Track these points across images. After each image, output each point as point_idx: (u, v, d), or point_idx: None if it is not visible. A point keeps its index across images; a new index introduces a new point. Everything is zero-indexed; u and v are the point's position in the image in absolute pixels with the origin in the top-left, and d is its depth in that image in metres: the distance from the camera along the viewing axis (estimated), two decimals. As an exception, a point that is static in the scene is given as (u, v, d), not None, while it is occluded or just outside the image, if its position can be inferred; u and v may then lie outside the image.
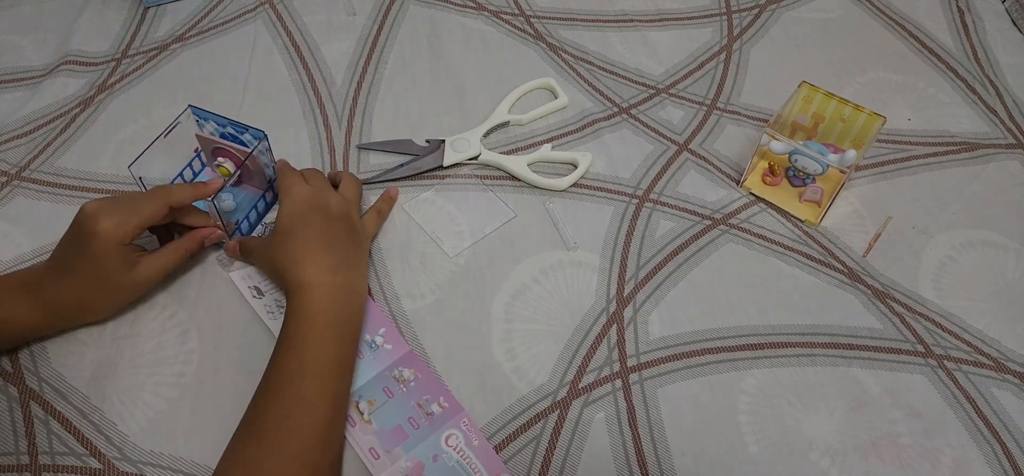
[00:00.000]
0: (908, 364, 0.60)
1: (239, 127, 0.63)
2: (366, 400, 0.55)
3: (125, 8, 0.86)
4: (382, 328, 0.60)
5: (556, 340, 0.60)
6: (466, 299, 0.62)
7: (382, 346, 0.59)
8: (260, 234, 0.66)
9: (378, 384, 0.56)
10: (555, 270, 0.64)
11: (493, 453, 0.54)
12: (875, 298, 0.63)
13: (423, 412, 0.55)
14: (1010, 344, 0.61)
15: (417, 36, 0.84)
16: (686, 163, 0.73)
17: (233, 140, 0.65)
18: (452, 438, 0.54)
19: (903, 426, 0.56)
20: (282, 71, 0.80)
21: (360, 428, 0.54)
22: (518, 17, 0.87)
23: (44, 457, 0.53)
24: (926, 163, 0.73)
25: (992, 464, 0.55)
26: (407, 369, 0.57)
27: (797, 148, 0.66)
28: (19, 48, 0.82)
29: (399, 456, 0.53)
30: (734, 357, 0.60)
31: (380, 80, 0.80)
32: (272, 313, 0.60)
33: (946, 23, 0.87)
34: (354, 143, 0.73)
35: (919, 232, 0.68)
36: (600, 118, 0.76)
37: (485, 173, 0.71)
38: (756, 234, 0.67)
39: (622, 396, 0.57)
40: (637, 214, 0.68)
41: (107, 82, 0.78)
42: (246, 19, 0.85)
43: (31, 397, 0.56)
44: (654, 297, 0.63)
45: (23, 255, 0.64)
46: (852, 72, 0.82)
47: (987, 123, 0.77)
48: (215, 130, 0.65)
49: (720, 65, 0.82)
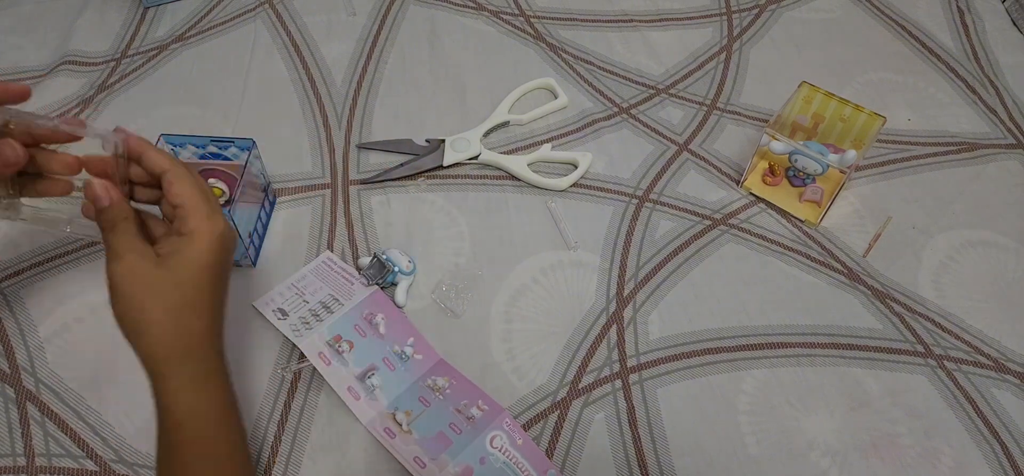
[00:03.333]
0: (908, 364, 0.60)
1: (222, 142, 0.61)
2: (403, 411, 0.55)
3: (125, 8, 0.86)
4: (410, 338, 0.59)
5: (556, 340, 0.60)
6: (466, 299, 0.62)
7: (412, 356, 0.58)
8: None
9: (412, 394, 0.56)
10: (555, 270, 0.64)
11: (538, 450, 0.54)
12: (875, 298, 0.63)
13: (463, 416, 0.55)
14: (1010, 344, 0.61)
15: (417, 36, 0.84)
16: (686, 163, 0.73)
17: (217, 157, 0.63)
18: (496, 439, 0.54)
19: (903, 426, 0.56)
20: (282, 71, 0.80)
21: (401, 439, 0.54)
22: (518, 17, 0.87)
23: (40, 458, 0.53)
24: (926, 163, 0.73)
25: (992, 464, 0.55)
26: (441, 377, 0.57)
27: (797, 148, 0.66)
28: (19, 48, 0.82)
29: (446, 462, 0.52)
30: (734, 357, 0.60)
31: (380, 80, 0.79)
32: (298, 332, 0.58)
33: (946, 23, 0.87)
34: (354, 143, 0.73)
35: (919, 232, 0.68)
36: (600, 118, 0.76)
37: (485, 173, 0.71)
38: (756, 234, 0.67)
39: (622, 396, 0.57)
40: (637, 214, 0.68)
41: (107, 82, 0.78)
42: (246, 19, 0.85)
43: (28, 398, 0.56)
44: (654, 297, 0.63)
45: (22, 255, 0.64)
46: (852, 72, 0.82)
47: (987, 123, 0.77)
48: (195, 153, 0.62)
49: (720, 65, 0.82)
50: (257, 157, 0.62)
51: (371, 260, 0.62)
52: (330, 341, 0.58)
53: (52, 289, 0.62)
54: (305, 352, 0.57)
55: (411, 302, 0.62)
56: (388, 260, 0.62)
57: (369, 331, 0.59)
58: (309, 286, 0.62)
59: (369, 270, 0.62)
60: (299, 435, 0.55)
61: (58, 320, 0.60)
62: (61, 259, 0.64)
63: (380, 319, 0.60)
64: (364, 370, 0.57)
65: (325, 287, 0.62)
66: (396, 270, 0.62)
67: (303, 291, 0.61)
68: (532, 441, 0.54)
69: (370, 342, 0.58)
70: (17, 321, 0.60)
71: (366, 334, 0.59)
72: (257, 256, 0.64)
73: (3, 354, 0.58)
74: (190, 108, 0.76)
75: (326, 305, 0.60)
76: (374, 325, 0.59)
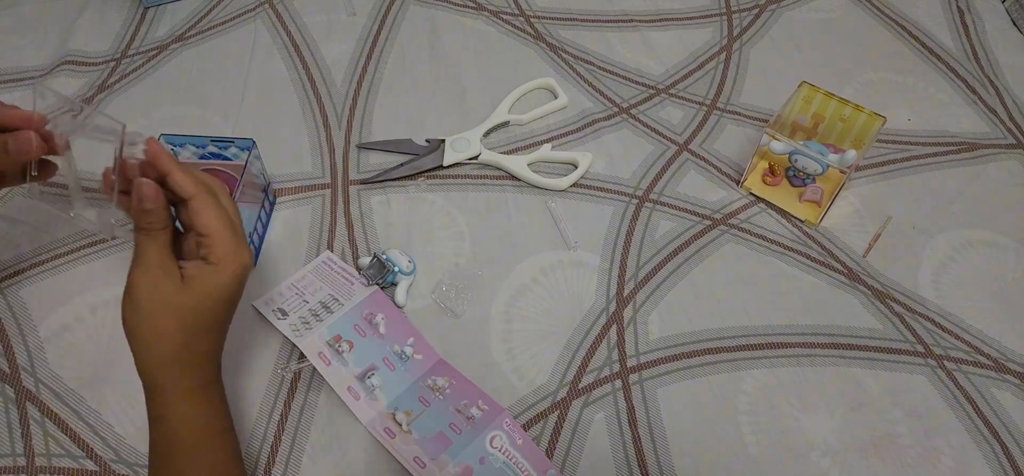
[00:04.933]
0: (908, 364, 0.60)
1: (222, 142, 0.61)
2: (403, 411, 0.55)
3: (125, 8, 0.86)
4: (410, 338, 0.59)
5: (556, 340, 0.60)
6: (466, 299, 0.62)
7: (412, 356, 0.58)
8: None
9: (412, 394, 0.56)
10: (555, 270, 0.64)
11: (538, 450, 0.54)
12: (875, 298, 0.63)
13: (463, 416, 0.55)
14: (1010, 344, 0.61)
15: (417, 36, 0.84)
16: (686, 163, 0.73)
17: (217, 157, 0.62)
18: (496, 439, 0.54)
19: (903, 426, 0.56)
20: (282, 71, 0.80)
21: (401, 439, 0.54)
22: (518, 17, 0.87)
23: (40, 458, 0.53)
24: (926, 163, 0.73)
25: (992, 464, 0.55)
26: (441, 377, 0.57)
27: (797, 148, 0.66)
28: (19, 48, 0.82)
29: (446, 462, 0.52)
30: (734, 357, 0.60)
31: (380, 80, 0.79)
32: (298, 332, 0.58)
33: (946, 23, 0.87)
34: (354, 143, 0.73)
35: (919, 232, 0.68)
36: (600, 118, 0.76)
37: (485, 173, 0.71)
38: (756, 234, 0.67)
39: (622, 396, 0.57)
40: (637, 214, 0.68)
41: (107, 82, 0.78)
42: (246, 19, 0.85)
43: (28, 398, 0.56)
44: (654, 297, 0.63)
45: (22, 255, 0.64)
46: (852, 72, 0.82)
47: (987, 123, 0.77)
48: (195, 153, 0.62)
49: (720, 65, 0.82)
50: (257, 157, 0.62)
51: (371, 260, 0.62)
52: (330, 341, 0.58)
53: (52, 289, 0.62)
54: (305, 352, 0.57)
55: (411, 302, 0.62)
56: (388, 260, 0.62)
57: (369, 331, 0.59)
58: (309, 286, 0.62)
59: (369, 270, 0.62)
60: (299, 435, 0.55)
61: (58, 320, 0.60)
62: (61, 259, 0.64)
63: (380, 319, 0.60)
64: (364, 370, 0.57)
65: (325, 287, 0.62)
66: (396, 270, 0.62)
67: (303, 291, 0.61)
68: (532, 441, 0.54)
69: (370, 342, 0.58)
70: (17, 321, 0.60)
71: (366, 334, 0.59)
72: (257, 256, 0.64)
73: (3, 354, 0.58)
74: (190, 108, 0.76)
75: (326, 305, 0.60)
76: (374, 325, 0.59)
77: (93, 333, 0.59)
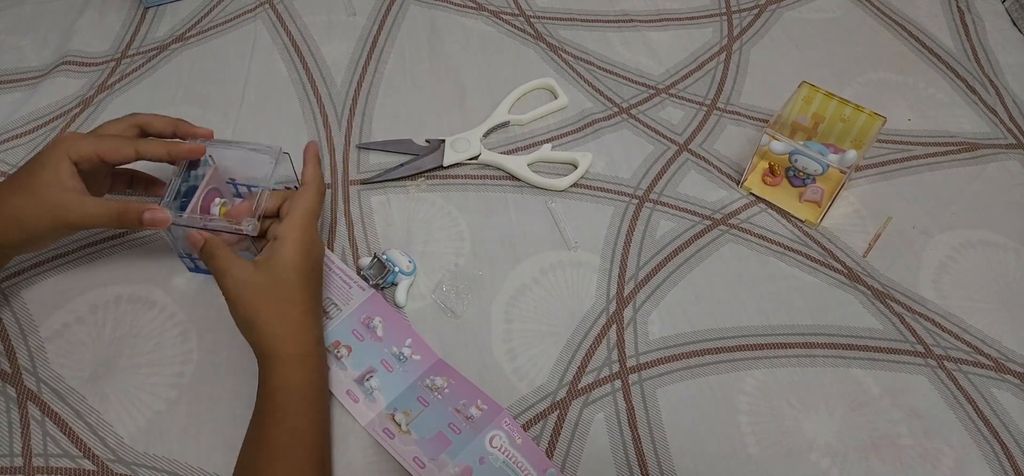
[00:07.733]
0: (908, 364, 0.60)
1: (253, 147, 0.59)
2: (402, 411, 0.55)
3: (125, 8, 0.86)
4: (408, 338, 0.59)
5: (556, 340, 0.60)
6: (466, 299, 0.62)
7: (410, 357, 0.58)
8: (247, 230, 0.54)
9: (411, 395, 0.56)
10: (555, 270, 0.64)
11: (538, 450, 0.54)
12: (875, 298, 0.63)
13: (462, 416, 0.55)
14: (1010, 344, 0.61)
15: (417, 36, 0.84)
16: (686, 163, 0.73)
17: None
18: (496, 439, 0.54)
19: (903, 426, 0.56)
20: (282, 71, 0.80)
21: (400, 439, 0.54)
22: (518, 17, 0.87)
23: (38, 459, 0.53)
24: (926, 163, 0.73)
25: (992, 464, 0.55)
26: (439, 377, 0.57)
27: (797, 148, 0.66)
28: (19, 48, 0.82)
29: (445, 462, 0.52)
30: (734, 357, 0.60)
31: (380, 80, 0.80)
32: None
33: (946, 23, 0.87)
34: (354, 143, 0.73)
35: (919, 232, 0.68)
36: (600, 118, 0.76)
37: (485, 173, 0.71)
38: (756, 234, 0.67)
39: (622, 396, 0.57)
40: (637, 214, 0.68)
41: (107, 82, 0.78)
42: (246, 19, 0.85)
43: (29, 398, 0.56)
44: (654, 297, 0.63)
45: (22, 255, 0.64)
46: (852, 72, 0.82)
47: (987, 123, 0.77)
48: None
49: (720, 65, 0.82)
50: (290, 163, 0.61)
51: (371, 260, 0.62)
52: (328, 347, 0.58)
53: (53, 288, 0.62)
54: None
55: (411, 302, 0.62)
56: (388, 260, 0.62)
57: (367, 334, 0.59)
58: (309, 286, 0.62)
59: (369, 270, 0.62)
60: (299, 435, 0.55)
61: (59, 320, 0.60)
62: (62, 258, 0.64)
63: (378, 322, 0.60)
64: (362, 373, 0.57)
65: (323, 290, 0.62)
66: (396, 270, 0.62)
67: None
68: (532, 441, 0.54)
69: (368, 345, 0.58)
70: (18, 320, 0.60)
71: (363, 338, 0.59)
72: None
73: (4, 354, 0.58)
74: (190, 108, 0.76)
75: (324, 310, 0.60)
76: (371, 328, 0.59)
77: (94, 333, 0.59)
